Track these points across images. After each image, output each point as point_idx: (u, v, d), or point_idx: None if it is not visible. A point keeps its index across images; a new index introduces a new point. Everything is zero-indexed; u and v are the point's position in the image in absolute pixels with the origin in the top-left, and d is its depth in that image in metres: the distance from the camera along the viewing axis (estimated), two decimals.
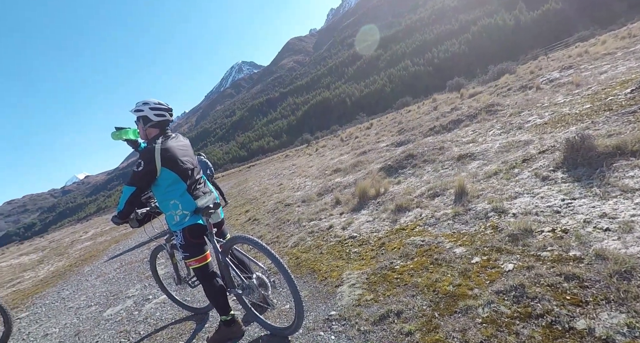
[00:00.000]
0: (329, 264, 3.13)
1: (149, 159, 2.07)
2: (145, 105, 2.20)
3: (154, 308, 3.32)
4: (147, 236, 4.49)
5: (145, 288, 4.09)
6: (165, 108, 2.24)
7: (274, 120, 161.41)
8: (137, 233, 10.21)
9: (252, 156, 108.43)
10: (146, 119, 2.21)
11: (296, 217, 5.32)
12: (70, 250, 11.33)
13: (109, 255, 7.62)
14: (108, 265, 6.29)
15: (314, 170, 10.49)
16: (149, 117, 2.20)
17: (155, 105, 2.21)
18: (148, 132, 2.25)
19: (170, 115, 2.28)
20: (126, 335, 2.88)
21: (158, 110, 2.21)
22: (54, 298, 5.01)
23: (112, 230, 14.36)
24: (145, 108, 2.19)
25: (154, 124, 2.22)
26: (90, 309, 3.92)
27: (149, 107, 2.19)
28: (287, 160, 22.21)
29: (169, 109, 2.26)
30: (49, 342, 3.29)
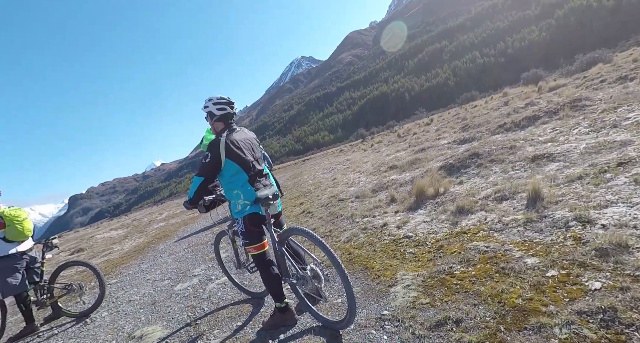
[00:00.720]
0: (382, 262, 3.07)
1: (215, 151, 2.25)
2: (209, 102, 2.40)
3: (216, 288, 3.61)
4: (212, 221, 4.87)
5: (208, 269, 4.46)
6: (226, 101, 2.40)
7: (329, 115, 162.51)
8: (203, 218, 11.16)
9: (307, 150, 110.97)
10: (211, 114, 2.41)
11: (349, 212, 5.31)
12: (148, 229, 12.84)
13: (179, 236, 8.46)
14: (178, 245, 6.98)
15: (368, 166, 10.34)
16: (213, 112, 2.40)
17: (217, 100, 2.40)
18: (215, 126, 2.45)
19: (232, 108, 2.44)
20: (192, 310, 3.17)
21: (220, 104, 2.39)
22: (135, 270, 5.73)
23: (182, 213, 15.91)
24: (209, 104, 2.40)
25: (218, 117, 2.40)
26: (163, 283, 4.40)
27: (212, 103, 2.39)
28: (341, 155, 22.24)
29: (230, 102, 2.42)
30: (132, 307, 3.78)
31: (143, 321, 3.25)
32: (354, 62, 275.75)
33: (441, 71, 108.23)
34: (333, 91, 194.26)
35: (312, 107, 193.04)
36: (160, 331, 2.89)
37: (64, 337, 3.42)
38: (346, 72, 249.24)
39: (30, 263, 3.86)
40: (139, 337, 2.88)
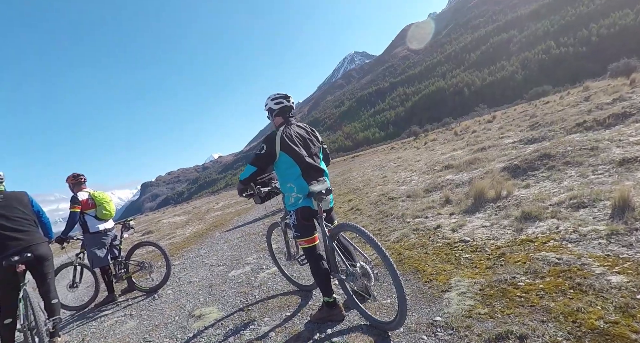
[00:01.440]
0: (434, 266, 2.93)
1: (270, 144, 2.36)
2: (268, 99, 2.58)
3: (266, 277, 3.76)
4: (266, 212, 5.10)
5: (260, 258, 4.67)
6: (282, 95, 2.54)
7: (381, 111, 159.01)
8: (255, 209, 11.71)
9: (356, 146, 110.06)
10: (271, 109, 2.57)
11: (400, 211, 5.15)
12: (206, 217, 13.86)
13: (233, 225, 8.99)
14: (232, 234, 7.42)
15: (421, 165, 9.93)
16: (272, 108, 2.55)
17: (274, 96, 2.56)
18: (275, 122, 2.58)
19: (288, 101, 2.56)
20: (245, 296, 3.35)
21: (277, 99, 2.54)
22: (195, 254, 6.23)
23: (236, 204, 16.88)
24: (268, 101, 2.57)
25: (277, 112, 2.54)
26: (219, 268, 4.72)
27: (270, 99, 2.56)
28: (392, 153, 21.67)
29: (285, 95, 2.55)
30: (192, 287, 4.12)
31: (201, 302, 3.52)
32: (409, 57, 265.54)
33: (507, 64, 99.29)
34: (386, 87, 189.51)
35: (363, 103, 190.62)
36: (216, 313, 3.10)
37: (137, 308, 3.85)
38: (400, 67, 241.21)
39: (112, 240, 4.41)
40: (198, 316, 3.13)
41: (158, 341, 2.83)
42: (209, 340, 2.62)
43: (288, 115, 2.55)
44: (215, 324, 2.86)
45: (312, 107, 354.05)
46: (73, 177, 4.31)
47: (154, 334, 2.98)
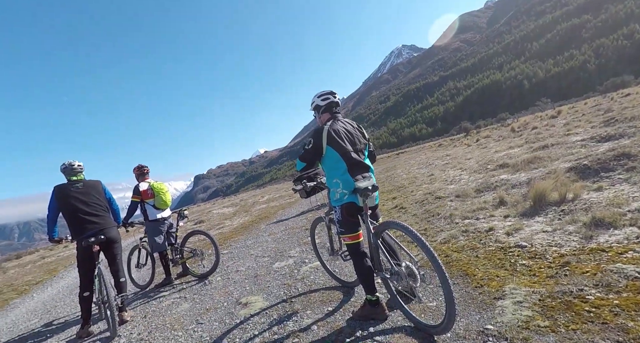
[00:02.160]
0: (486, 271, 2.74)
1: (317, 138, 2.40)
2: (314, 97, 2.62)
3: (309, 271, 3.83)
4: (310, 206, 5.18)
5: (303, 252, 4.76)
6: (328, 92, 2.58)
7: (429, 107, 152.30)
8: (299, 204, 11.95)
9: (401, 143, 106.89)
10: (317, 106, 2.61)
11: (448, 211, 4.90)
12: (252, 209, 14.47)
13: (277, 218, 9.27)
14: (276, 227, 7.66)
15: (472, 163, 9.34)
16: (318, 104, 2.59)
17: (320, 93, 2.60)
18: (322, 119, 2.62)
19: (335, 97, 2.59)
20: (288, 288, 3.44)
21: (323, 95, 2.58)
22: (242, 244, 6.54)
23: (280, 198, 17.37)
24: (314, 98, 2.62)
25: (323, 108, 2.58)
26: (264, 259, 4.90)
27: (317, 96, 2.60)
28: (440, 150, 20.69)
29: (331, 92, 2.58)
30: (239, 276, 4.34)
31: (247, 290, 3.68)
32: (461, 49, 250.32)
33: (578, 53, 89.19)
34: (435, 81, 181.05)
35: (410, 98, 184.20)
36: (261, 302, 3.23)
37: (190, 292, 4.15)
38: (451, 59, 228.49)
39: (169, 228, 4.79)
40: (244, 304, 3.28)
41: (209, 324, 3.02)
42: (255, 327, 2.73)
43: (334, 111, 2.58)
44: (260, 313, 2.98)
45: (356, 102, 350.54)
46: (138, 168, 4.75)
47: (205, 317, 3.19)
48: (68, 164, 3.64)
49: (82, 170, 3.74)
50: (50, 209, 3.49)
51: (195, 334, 2.87)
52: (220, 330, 2.83)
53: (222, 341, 2.63)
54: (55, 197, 3.49)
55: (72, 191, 3.53)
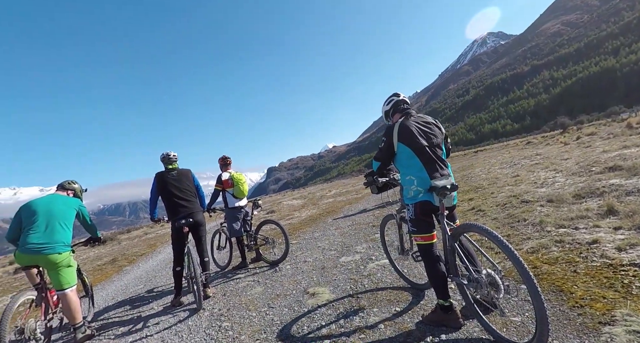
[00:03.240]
0: (587, 290, 2.34)
1: (389, 135, 2.37)
2: (382, 105, 2.70)
3: (375, 268, 3.77)
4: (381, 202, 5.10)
5: (369, 248, 4.71)
6: (391, 95, 2.66)
7: (516, 100, 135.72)
8: (365, 200, 11.85)
9: (481, 140, 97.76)
10: (386, 112, 2.67)
11: (537, 218, 4.32)
12: (319, 203, 14.83)
13: (344, 213, 9.33)
14: (343, 222, 7.71)
15: (570, 164, 8.07)
16: (386, 110, 2.66)
17: (386, 98, 2.67)
18: (394, 119, 2.60)
19: (399, 96, 2.60)
20: (354, 283, 3.44)
21: (386, 100, 2.66)
22: (309, 236, 6.76)
23: (347, 193, 17.44)
24: (382, 106, 2.70)
25: (391, 111, 2.62)
26: (331, 252, 4.99)
27: (383, 104, 2.69)
28: (528, 148, 18.36)
29: (394, 93, 2.64)
30: (306, 266, 4.50)
31: (315, 281, 3.80)
32: (562, 32, 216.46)
33: None
34: (525, 71, 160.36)
35: (493, 91, 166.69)
36: (328, 294, 3.30)
37: (262, 277, 4.46)
38: (548, 46, 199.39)
39: (245, 216, 5.19)
40: (312, 294, 3.39)
41: (279, 309, 3.20)
42: (322, 318, 2.80)
43: (404, 108, 2.55)
44: (327, 305, 3.04)
45: (430, 96, 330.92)
46: (222, 159, 5.24)
47: (275, 302, 3.39)
48: (166, 154, 4.19)
49: (176, 159, 4.28)
50: (152, 193, 4.08)
51: (267, 317, 3.07)
52: (290, 316, 2.97)
53: (291, 327, 2.76)
54: (156, 183, 4.06)
55: (169, 178, 4.06)
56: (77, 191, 3.78)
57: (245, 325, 2.98)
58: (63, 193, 3.58)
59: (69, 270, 3.23)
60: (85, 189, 3.93)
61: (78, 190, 3.79)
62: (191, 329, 3.14)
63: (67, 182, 3.75)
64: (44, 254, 3.05)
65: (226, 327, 3.01)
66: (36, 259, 3.08)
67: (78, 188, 3.79)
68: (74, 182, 3.80)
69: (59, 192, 3.59)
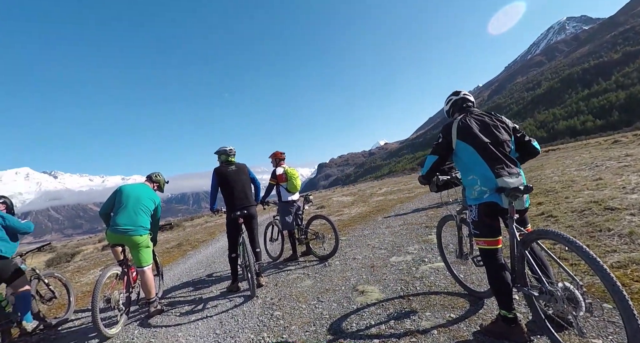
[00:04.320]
0: None
1: (447, 132, 2.25)
2: (444, 104, 2.61)
3: (429, 271, 3.60)
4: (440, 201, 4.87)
5: (422, 250, 4.51)
6: (451, 94, 2.57)
7: (599, 93, 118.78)
8: (417, 199, 11.39)
9: (553, 138, 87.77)
10: (447, 112, 2.59)
11: (625, 228, 3.74)
12: (369, 200, 14.63)
13: (395, 211, 9.08)
14: (394, 220, 7.50)
15: None
16: (447, 111, 2.58)
17: (446, 98, 2.60)
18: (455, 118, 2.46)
19: (458, 95, 2.52)
20: (405, 285, 3.32)
21: (446, 100, 2.58)
22: (359, 233, 6.70)
23: (399, 191, 16.94)
24: (444, 106, 2.61)
25: (451, 110, 2.52)
26: (380, 251, 4.89)
27: (445, 104, 2.59)
28: (615, 148, 16.00)
29: (454, 92, 2.56)
30: (355, 264, 4.47)
31: (364, 279, 3.75)
32: None
33: None
34: (614, 60, 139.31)
35: (571, 84, 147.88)
36: (378, 293, 3.23)
37: (312, 270, 4.54)
38: None
39: (297, 210, 5.32)
40: (361, 292, 3.35)
41: (328, 303, 3.23)
42: (371, 316, 2.76)
43: (465, 106, 2.43)
44: (377, 304, 2.99)
45: (494, 91, 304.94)
46: (276, 154, 5.41)
47: (325, 297, 3.42)
48: (224, 149, 4.45)
49: (234, 154, 4.52)
50: (212, 187, 4.34)
51: (316, 310, 3.11)
52: (338, 312, 2.98)
53: (340, 322, 2.76)
54: (216, 177, 4.31)
55: (228, 172, 4.31)
56: (161, 183, 4.32)
57: (295, 316, 3.06)
58: (150, 185, 4.09)
59: (147, 250, 3.72)
60: (167, 181, 4.41)
61: (162, 183, 4.33)
62: (245, 314, 3.32)
63: (155, 175, 4.27)
64: (129, 235, 3.57)
65: (277, 316, 3.13)
66: (122, 239, 3.60)
67: (162, 181, 4.34)
68: (160, 174, 4.34)
69: (147, 183, 4.08)
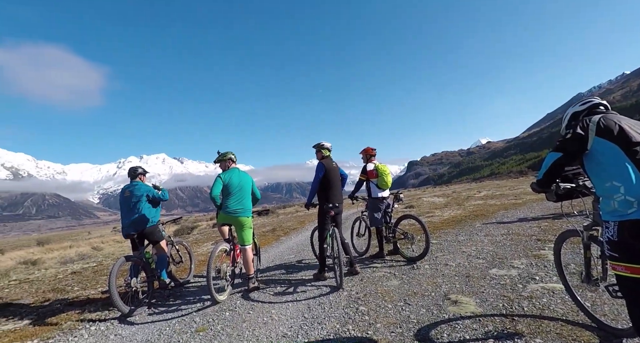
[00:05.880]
0: None
1: (584, 127, 1.86)
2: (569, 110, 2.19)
3: (540, 292, 3.09)
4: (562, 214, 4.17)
5: (531, 266, 3.91)
6: (587, 97, 2.14)
7: None
8: (526, 207, 9.89)
9: None
10: (575, 115, 2.11)
11: None
12: (465, 204, 13.36)
13: (497, 219, 8.07)
14: (495, 228, 6.68)
15: None
16: (576, 111, 2.11)
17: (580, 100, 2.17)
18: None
19: (596, 99, 2.07)
20: (509, 302, 2.93)
21: (583, 101, 2.12)
22: (452, 238, 6.19)
23: (502, 196, 14.99)
24: (569, 110, 2.18)
25: (584, 113, 2.04)
26: (478, 261, 4.42)
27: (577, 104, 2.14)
28: None
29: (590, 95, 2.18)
30: (448, 270, 4.15)
31: (457, 288, 3.46)
32: None
33: None
34: None
35: None
36: (474, 306, 2.94)
37: (399, 271, 4.40)
38: None
39: (386, 207, 5.21)
40: (454, 301, 3.10)
41: (416, 307, 3.09)
42: (465, 330, 2.53)
43: (595, 109, 2.02)
44: (472, 318, 2.72)
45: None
46: (367, 150, 5.39)
47: (412, 300, 3.28)
48: (327, 144, 4.63)
49: (330, 150, 4.67)
50: (316, 181, 4.40)
51: (403, 312, 3.01)
52: (427, 318, 2.82)
53: (429, 330, 2.61)
54: (325, 171, 4.40)
55: (332, 167, 4.49)
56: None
57: (380, 314, 3.02)
58: (243, 169, 4.55)
59: (250, 231, 4.25)
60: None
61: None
62: (332, 304, 3.43)
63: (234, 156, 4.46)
64: (237, 216, 4.13)
65: (362, 311, 3.14)
66: (231, 219, 4.17)
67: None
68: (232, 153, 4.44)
69: (239, 167, 4.51)
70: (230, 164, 4.42)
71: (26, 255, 16.33)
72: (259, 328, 3.06)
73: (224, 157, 4.38)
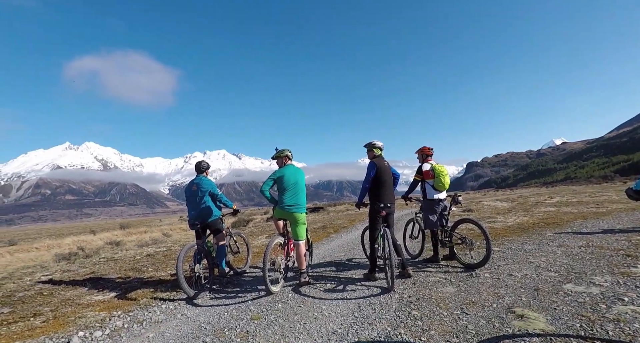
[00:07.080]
0: None
1: None
2: None
3: (631, 314, 2.68)
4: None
5: (618, 284, 3.40)
6: None
7: None
8: (613, 216, 8.63)
9: None
10: None
11: None
12: (534, 210, 12.09)
13: (573, 228, 7.18)
14: (571, 239, 5.95)
15: None
16: None
17: None
18: None
19: None
20: (589, 324, 2.59)
21: None
22: (517, 247, 5.66)
23: (580, 204, 13.29)
24: None
25: None
26: (549, 273, 3.98)
27: None
28: None
29: None
30: (512, 281, 3.80)
31: (523, 302, 3.15)
32: None
33: None
34: None
35: None
36: (544, 323, 2.65)
37: (455, 277, 4.16)
38: None
39: (442, 210, 4.95)
40: (519, 315, 2.84)
41: (475, 318, 2.89)
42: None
43: None
44: (542, 336, 2.45)
45: None
46: (424, 150, 5.16)
47: (470, 309, 3.08)
48: (380, 144, 4.56)
49: (382, 149, 4.58)
50: (369, 177, 4.35)
51: (460, 321, 2.84)
52: (488, 331, 2.62)
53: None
54: (376, 170, 4.34)
55: (384, 166, 4.41)
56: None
57: (435, 321, 2.89)
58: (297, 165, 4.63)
59: (304, 227, 4.36)
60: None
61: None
62: (382, 306, 3.37)
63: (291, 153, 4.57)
64: (292, 212, 4.26)
65: (415, 316, 3.03)
66: (286, 215, 4.32)
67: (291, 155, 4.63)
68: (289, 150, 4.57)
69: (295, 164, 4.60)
70: (287, 160, 4.56)
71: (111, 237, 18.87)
72: (309, 322, 3.13)
73: (281, 154, 4.54)
